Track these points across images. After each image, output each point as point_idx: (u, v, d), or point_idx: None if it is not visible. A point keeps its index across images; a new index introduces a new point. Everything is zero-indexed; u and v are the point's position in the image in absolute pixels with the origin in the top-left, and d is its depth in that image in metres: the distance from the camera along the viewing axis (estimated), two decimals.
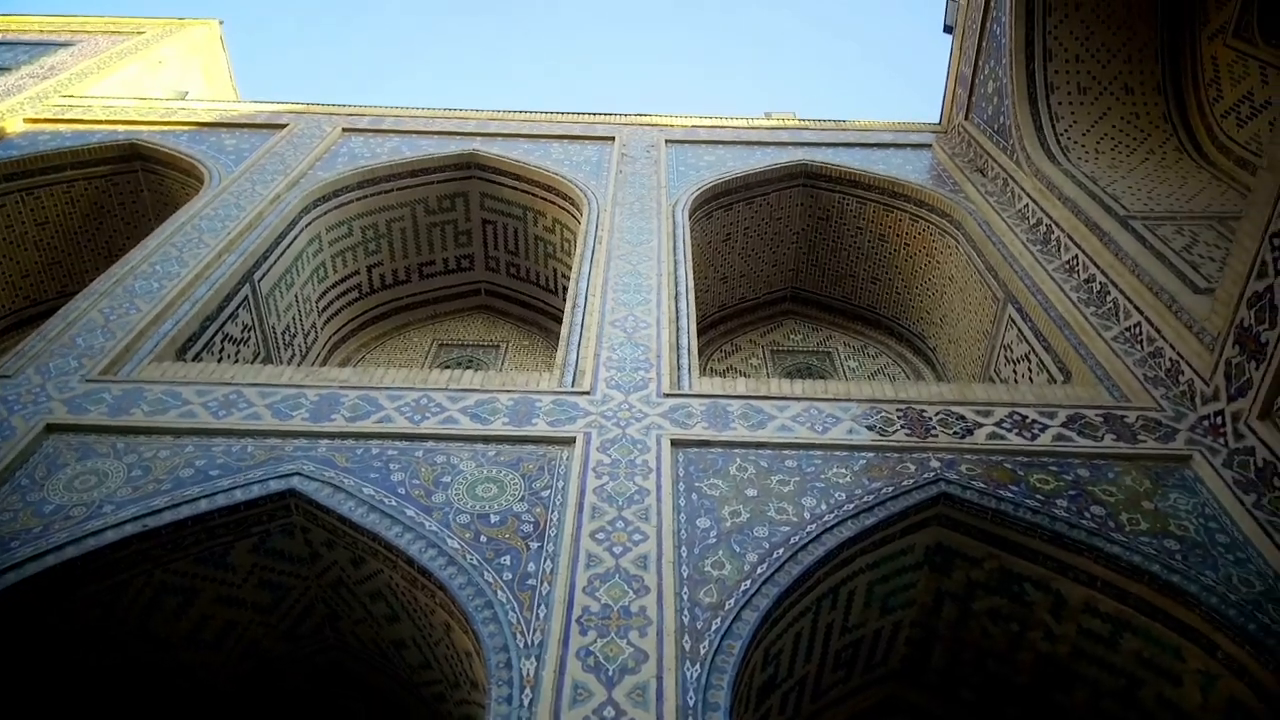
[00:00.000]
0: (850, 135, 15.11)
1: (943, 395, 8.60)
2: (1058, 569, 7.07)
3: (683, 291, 10.37)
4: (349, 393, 8.40)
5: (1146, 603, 6.69)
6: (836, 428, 8.10)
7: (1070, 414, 8.27)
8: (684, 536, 6.86)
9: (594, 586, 6.37)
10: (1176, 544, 6.83)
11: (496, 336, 14.48)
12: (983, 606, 7.57)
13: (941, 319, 13.47)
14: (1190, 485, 7.44)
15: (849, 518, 7.09)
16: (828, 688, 7.91)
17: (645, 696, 5.60)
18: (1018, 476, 7.52)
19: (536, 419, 8.10)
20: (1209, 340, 8.23)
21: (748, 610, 6.31)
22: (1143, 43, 12.52)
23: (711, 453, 7.77)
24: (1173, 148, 12.23)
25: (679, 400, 8.44)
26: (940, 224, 13.13)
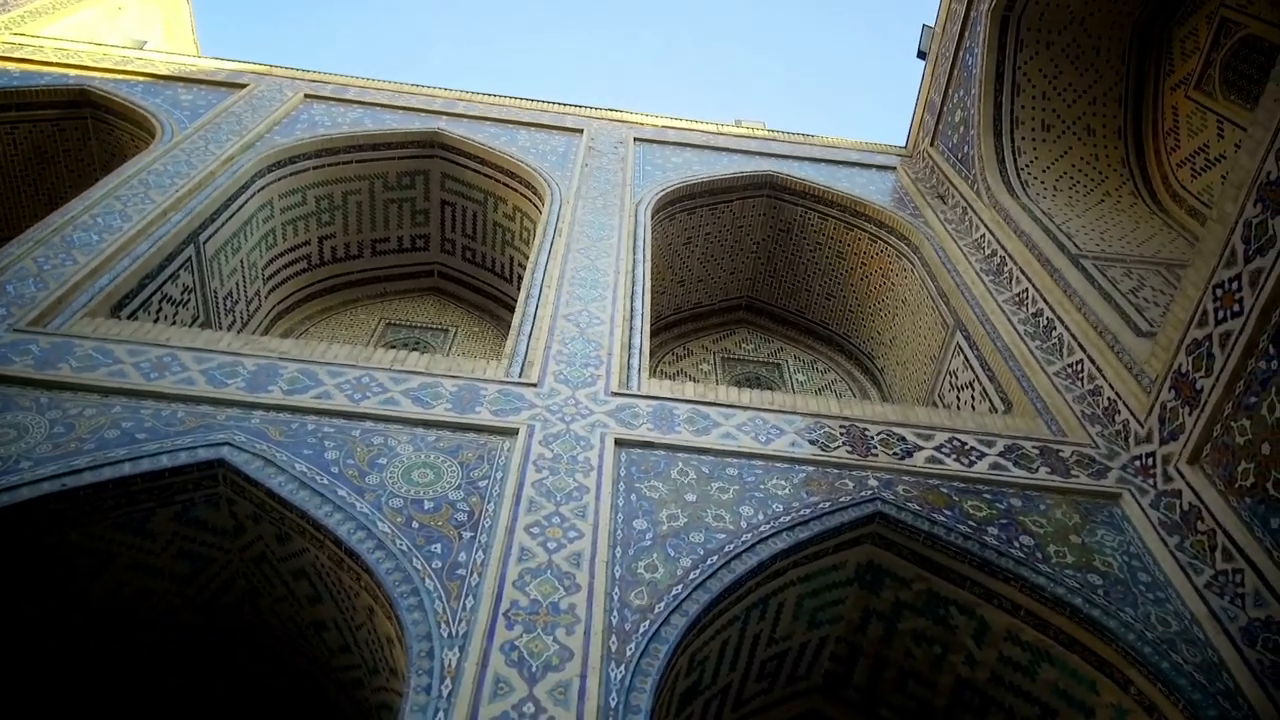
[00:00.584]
0: (817, 151, 15.20)
1: (886, 416, 8.66)
2: (984, 595, 7.16)
3: (639, 291, 10.32)
4: (288, 365, 8.19)
5: (1067, 635, 6.80)
6: (780, 439, 8.12)
7: (1008, 444, 8.39)
8: (620, 537, 6.80)
9: (524, 581, 6.29)
10: (1100, 579, 6.95)
11: (446, 320, 14.28)
12: (908, 627, 7.64)
13: (891, 340, 13.61)
14: (1118, 523, 7.59)
15: (785, 530, 7.10)
16: (750, 698, 7.92)
17: (567, 695, 5.53)
18: (952, 501, 7.61)
19: (480, 407, 7.98)
20: (1147, 383, 8.41)
21: (677, 615, 6.28)
22: (1108, 86, 12.78)
23: (655, 455, 7.73)
24: (1128, 192, 12.51)
25: (626, 400, 8.39)
26: (898, 246, 13.26)
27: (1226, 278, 7.51)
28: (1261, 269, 7.08)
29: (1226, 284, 7.48)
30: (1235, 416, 7.16)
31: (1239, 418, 7.11)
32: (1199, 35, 11.80)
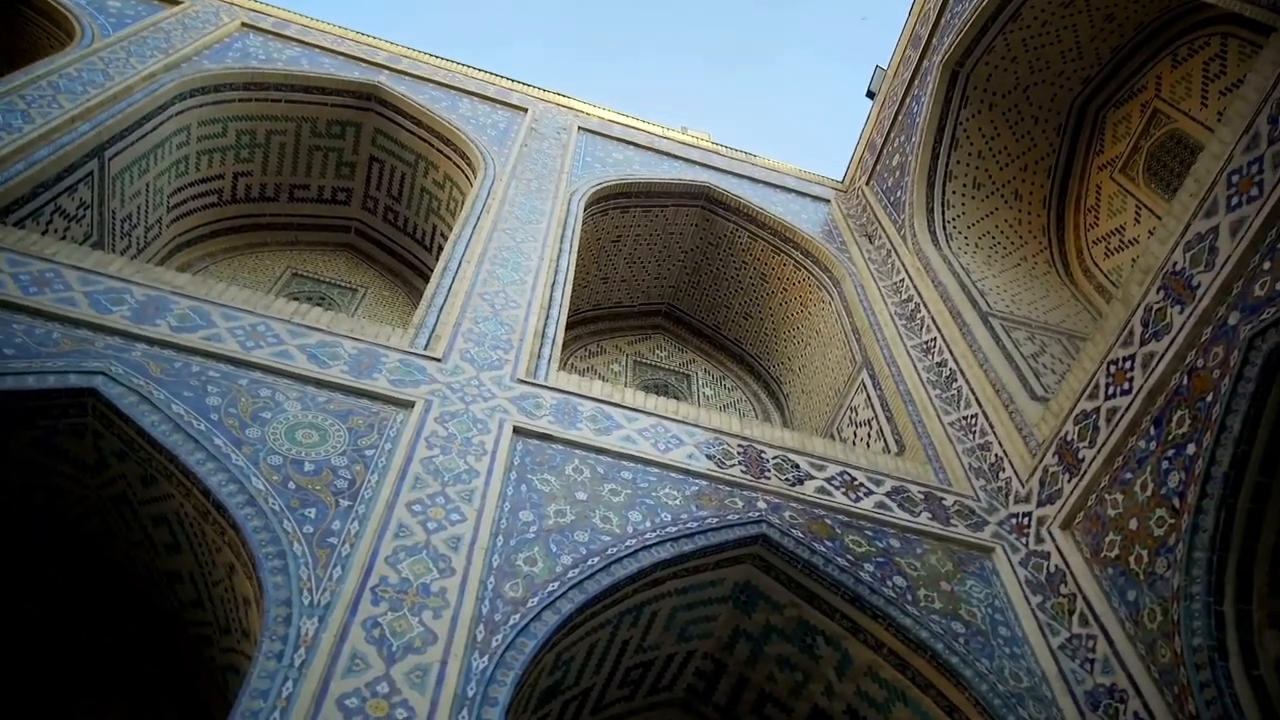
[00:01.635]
0: (757, 171, 15.31)
1: (784, 441, 8.74)
2: (851, 629, 7.27)
3: (561, 281, 10.18)
4: (181, 300, 7.78)
5: (924, 677, 6.96)
6: (679, 450, 8.10)
7: (896, 485, 8.56)
8: (503, 526, 6.67)
9: (398, 558, 6.10)
10: (963, 628, 7.14)
11: (357, 280, 13.83)
12: (775, 651, 7.71)
13: (800, 368, 13.79)
14: (987, 576, 7.81)
15: (670, 540, 7.07)
16: (610, 703, 7.88)
17: (424, 679, 5.38)
18: (835, 534, 7.71)
19: (378, 374, 7.73)
20: (1034, 445, 8.70)
21: (549, 612, 6.19)
22: (1041, 155, 13.24)
23: (552, 448, 7.62)
24: (1044, 260, 12.97)
25: (531, 389, 8.25)
26: (820, 278, 13.46)
27: (1122, 356, 7.81)
28: (1155, 353, 7.39)
29: (1121, 362, 7.79)
30: (1110, 489, 7.45)
31: (1114, 491, 7.40)
32: (1131, 121, 12.32)
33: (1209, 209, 7.25)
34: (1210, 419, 6.55)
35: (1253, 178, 6.83)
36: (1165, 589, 6.52)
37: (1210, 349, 6.78)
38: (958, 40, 12.72)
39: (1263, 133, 6.87)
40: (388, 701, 5.19)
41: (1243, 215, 6.82)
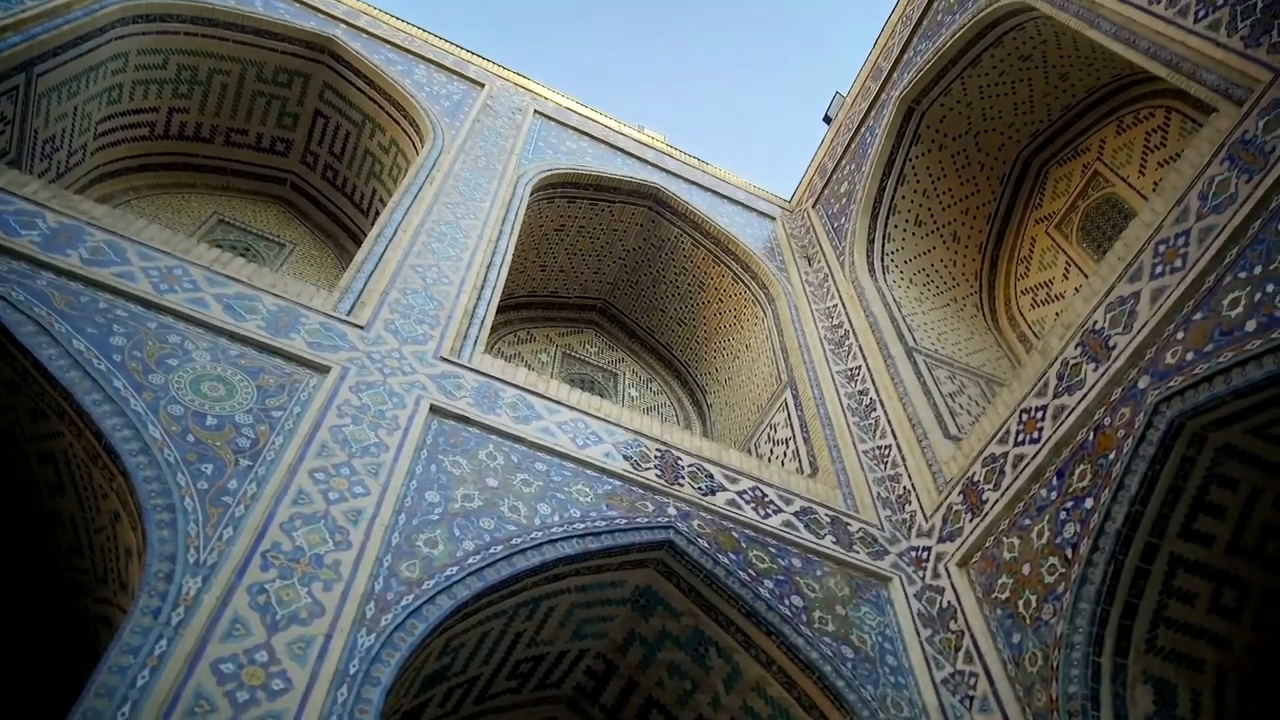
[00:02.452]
0: (708, 180, 15.36)
1: (702, 450, 8.76)
2: (744, 643, 7.31)
3: (498, 263, 10.03)
4: (96, 232, 7.42)
5: (809, 698, 7.03)
6: (596, 447, 8.05)
7: (805, 506, 8.65)
8: (407, 504, 6.52)
9: (294, 525, 5.91)
10: (852, 653, 7.24)
11: (287, 235, 13.42)
12: (667, 658, 7.71)
13: (727, 380, 13.87)
14: (882, 604, 7.94)
15: (577, 536, 7.01)
16: (496, 694, 7.78)
17: (306, 651, 5.23)
18: (740, 547, 7.75)
19: (296, 334, 7.49)
20: (942, 482, 8.89)
21: (444, 596, 6.07)
22: (983, 202, 13.57)
23: (467, 431, 7.49)
24: (973, 304, 13.28)
25: (454, 369, 8.10)
26: (757, 294, 13.56)
27: (1035, 405, 8.03)
28: (1066, 406, 7.61)
29: (1033, 411, 8.00)
30: (1008, 533, 7.64)
31: (1011, 535, 7.60)
32: (1072, 180, 12.71)
33: (1134, 274, 7.50)
34: (1110, 476, 6.76)
35: (1178, 250, 7.08)
36: (1049, 635, 6.71)
37: (1118, 409, 7.00)
38: (917, 78, 12.95)
39: (1192, 208, 7.12)
40: (265, 670, 5.02)
41: (1164, 284, 7.06)
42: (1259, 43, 7.04)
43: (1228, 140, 7.01)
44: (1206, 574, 6.59)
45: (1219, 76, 7.41)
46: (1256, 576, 6.63)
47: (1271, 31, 6.95)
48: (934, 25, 13.04)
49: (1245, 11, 7.31)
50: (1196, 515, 6.53)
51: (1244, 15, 7.32)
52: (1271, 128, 6.58)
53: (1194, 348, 6.54)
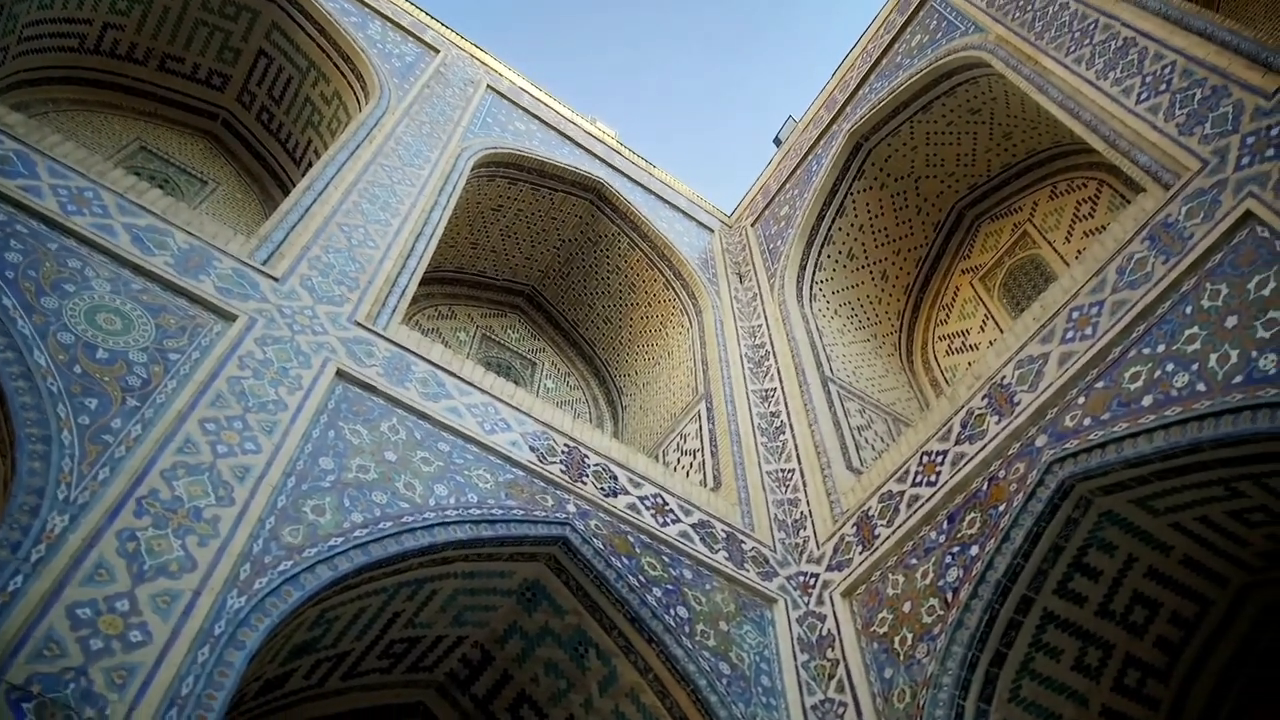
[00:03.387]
0: (654, 183, 15.34)
1: (610, 451, 8.72)
2: (625, 648, 7.29)
3: (429, 234, 9.82)
4: (5, 140, 6.99)
5: (681, 710, 7.05)
6: (504, 434, 7.93)
7: (703, 519, 8.68)
8: (299, 467, 6.31)
9: (176, 474, 5.66)
10: (729, 669, 7.28)
11: (211, 172, 12.89)
12: (546, 655, 7.65)
13: (644, 384, 13.87)
14: (764, 625, 8.01)
15: (471, 521, 6.89)
16: (365, 672, 7.59)
17: (171, 606, 5.02)
18: (634, 552, 7.73)
19: (206, 277, 7.19)
20: (838, 512, 9.03)
21: (325, 566, 5.89)
22: (915, 245, 13.88)
23: (372, 400, 7.29)
24: (891, 342, 13.57)
25: (367, 335, 7.88)
26: (686, 303, 13.59)
27: (936, 449, 8.21)
28: (965, 454, 7.80)
29: (934, 455, 8.18)
30: (895, 570, 7.80)
31: (897, 572, 7.75)
32: (1001, 236, 13.09)
33: (1046, 336, 7.73)
34: (998, 527, 6.95)
35: (1090, 318, 7.33)
36: (919, 674, 6.86)
37: (1014, 463, 7.21)
38: (869, 114, 13.17)
39: (1110, 280, 7.38)
40: (124, 620, 4.81)
41: (1073, 349, 7.30)
42: (1192, 132, 7.35)
43: (1151, 220, 7.29)
44: (1075, 632, 6.83)
45: (1152, 158, 7.70)
46: (1120, 640, 6.91)
47: (1205, 123, 7.25)
48: (893, 65, 13.28)
49: (1184, 100, 7.62)
50: (1073, 575, 6.77)
51: (1182, 104, 7.62)
52: (1193, 215, 6.87)
53: (1092, 414, 6.77)
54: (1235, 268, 6.28)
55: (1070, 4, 9.70)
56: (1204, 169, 7.02)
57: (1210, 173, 6.93)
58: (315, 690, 7.43)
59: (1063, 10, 9.79)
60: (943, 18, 12.48)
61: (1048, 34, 9.82)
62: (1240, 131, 6.88)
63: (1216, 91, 7.31)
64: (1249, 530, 6.52)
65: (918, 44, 12.84)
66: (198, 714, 4.78)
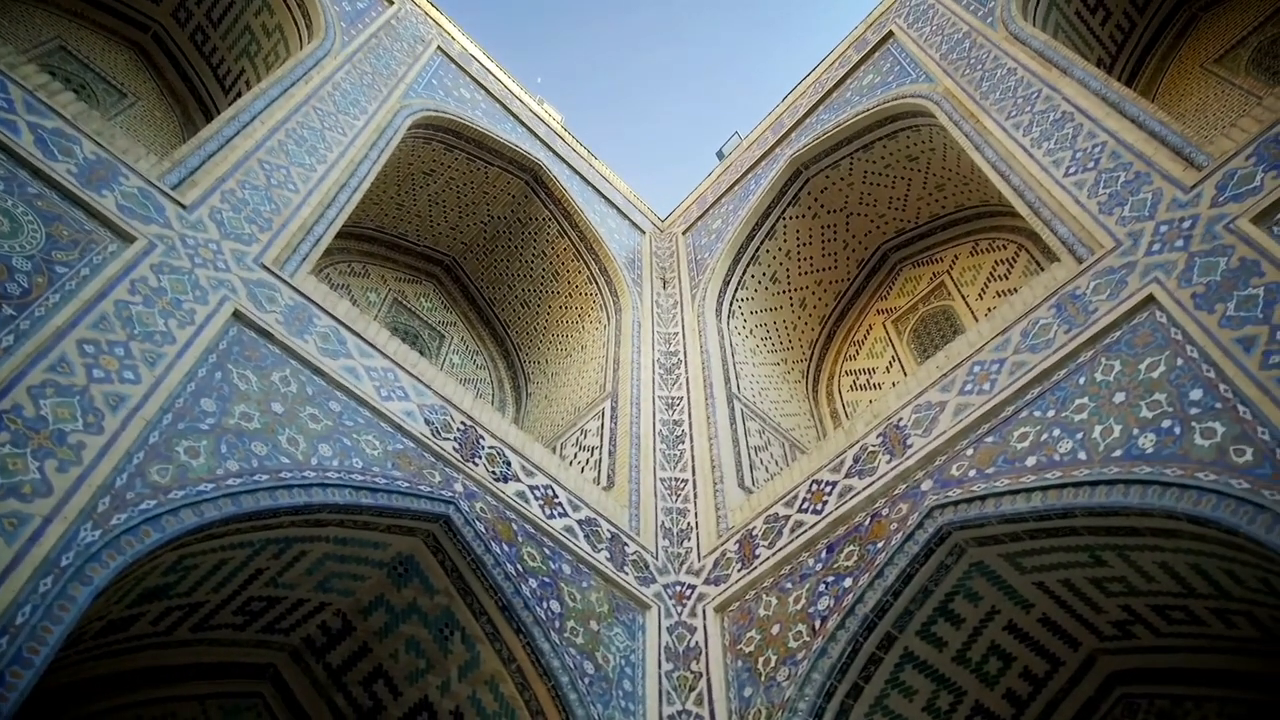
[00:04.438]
0: (593, 174, 15.24)
1: (507, 436, 8.59)
2: (491, 635, 7.19)
3: (353, 186, 9.51)
4: None
5: (539, 704, 6.98)
6: (400, 403, 7.73)
7: (590, 516, 8.64)
8: (179, 405, 6.02)
9: (44, 392, 5.33)
10: (593, 669, 7.25)
11: (132, 86, 12.23)
12: (409, 632, 7.48)
13: (553, 375, 13.76)
14: (635, 630, 8.01)
15: (351, 487, 6.69)
16: (217, 626, 7.29)
17: (17, 530, 4.76)
18: (516, 541, 7.63)
19: (109, 192, 6.80)
20: (724, 528, 9.09)
21: (190, 511, 5.64)
22: (837, 278, 14.13)
23: (268, 348, 7.01)
24: (800, 369, 13.78)
25: (272, 279, 7.59)
26: (607, 300, 13.54)
27: (826, 479, 8.35)
28: (853, 488, 7.94)
29: (824, 484, 8.32)
30: (769, 591, 7.89)
31: (771, 594, 7.84)
32: (919, 283, 13.44)
33: (945, 385, 7.94)
34: (874, 563, 7.09)
35: (990, 374, 7.55)
36: (777, 696, 6.95)
37: (898, 503, 7.37)
38: (812, 145, 13.36)
39: (1013, 341, 7.62)
40: None
41: (969, 401, 7.51)
42: (1111, 211, 7.65)
43: (1060, 290, 7.55)
44: (931, 675, 7.01)
45: (1070, 230, 7.99)
46: (972, 688, 7.12)
47: (1125, 206, 7.56)
48: (842, 100, 13.49)
49: (1109, 180, 7.92)
50: (937, 619, 6.95)
51: (1106, 184, 7.93)
52: (1100, 291, 7.14)
53: (978, 466, 6.97)
54: (1131, 347, 6.55)
55: (1018, 70, 10.01)
56: (1117, 249, 7.31)
57: (1122, 253, 7.22)
58: (162, 638, 7.10)
59: (1010, 75, 10.09)
60: (897, 62, 12.75)
61: (993, 95, 10.11)
62: (1155, 219, 7.19)
63: (1140, 177, 7.63)
64: (1106, 599, 6.81)
65: (869, 84, 13.08)
66: (30, 646, 4.51)
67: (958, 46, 11.41)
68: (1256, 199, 6.43)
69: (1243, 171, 6.73)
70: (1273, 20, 11.04)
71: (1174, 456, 5.68)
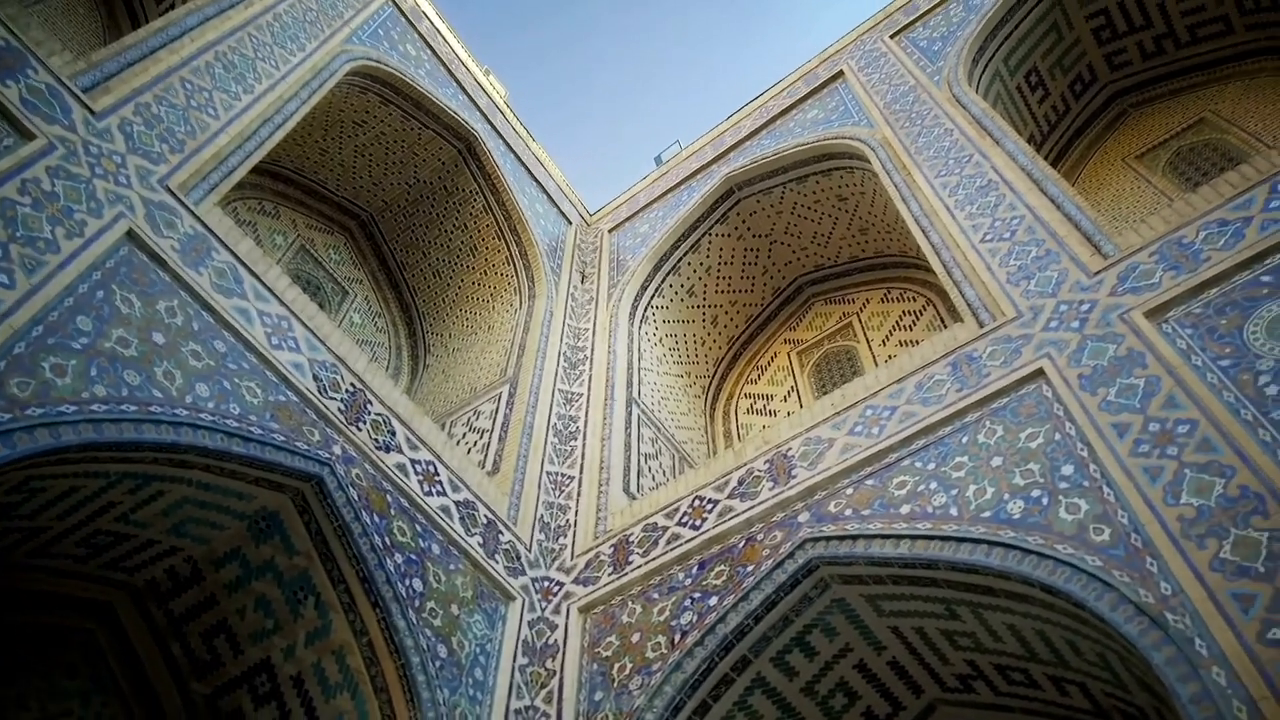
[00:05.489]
0: (528, 155, 15.07)
1: (396, 405, 8.39)
2: (347, 606, 7.00)
3: (279, 123, 9.13)
4: None
5: (385, 681, 6.84)
6: (290, 354, 7.46)
7: (469, 499, 8.50)
8: (52, 319, 5.68)
9: None
10: (446, 653, 7.13)
11: None
12: (261, 590, 7.21)
13: (455, 350, 13.52)
14: (495, 619, 7.91)
15: (225, 432, 6.42)
16: (57, 555, 6.88)
17: None
18: (389, 514, 7.45)
19: (14, 83, 6.34)
20: (601, 531, 9.07)
21: (46, 431, 5.39)
22: (751, 302, 14.31)
23: (159, 274, 6.67)
24: (702, 385, 13.89)
25: (174, 204, 7.22)
26: (522, 284, 13.40)
27: (710, 496, 8.41)
28: (734, 509, 8.03)
29: (706, 501, 8.38)
30: (635, 599, 7.90)
31: (637, 602, 7.86)
32: (828, 320, 13.72)
33: (837, 423, 8.10)
34: (741, 585, 7.18)
35: (880, 419, 7.74)
36: (626, 705, 6.96)
37: (774, 530, 7.48)
38: (750, 166, 13.51)
39: (907, 391, 7.83)
40: None
41: (857, 442, 7.68)
42: (1017, 283, 7.94)
43: (959, 350, 7.79)
44: (778, 703, 7.14)
45: (977, 294, 8.25)
46: None
47: (1031, 280, 7.85)
48: (785, 128, 13.69)
49: (1021, 253, 8.22)
50: (793, 649, 7.08)
51: (1018, 256, 8.23)
52: (995, 357, 7.40)
53: (855, 507, 7.13)
54: (1015, 415, 6.80)
55: (954, 132, 10.32)
56: (1017, 319, 7.59)
57: (1021, 324, 7.50)
58: None
59: (946, 135, 10.40)
60: (843, 102, 13.00)
61: (927, 151, 10.40)
62: (1057, 297, 7.49)
63: (1049, 255, 7.94)
64: (954, 651, 7.05)
65: (813, 118, 13.31)
66: None
67: (903, 98, 11.70)
68: (1153, 294, 6.77)
69: (1144, 267, 7.08)
70: (1194, 129, 11.69)
71: (1038, 525, 5.92)
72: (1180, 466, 5.57)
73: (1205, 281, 6.55)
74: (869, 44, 13.61)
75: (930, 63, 12.07)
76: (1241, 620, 4.73)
